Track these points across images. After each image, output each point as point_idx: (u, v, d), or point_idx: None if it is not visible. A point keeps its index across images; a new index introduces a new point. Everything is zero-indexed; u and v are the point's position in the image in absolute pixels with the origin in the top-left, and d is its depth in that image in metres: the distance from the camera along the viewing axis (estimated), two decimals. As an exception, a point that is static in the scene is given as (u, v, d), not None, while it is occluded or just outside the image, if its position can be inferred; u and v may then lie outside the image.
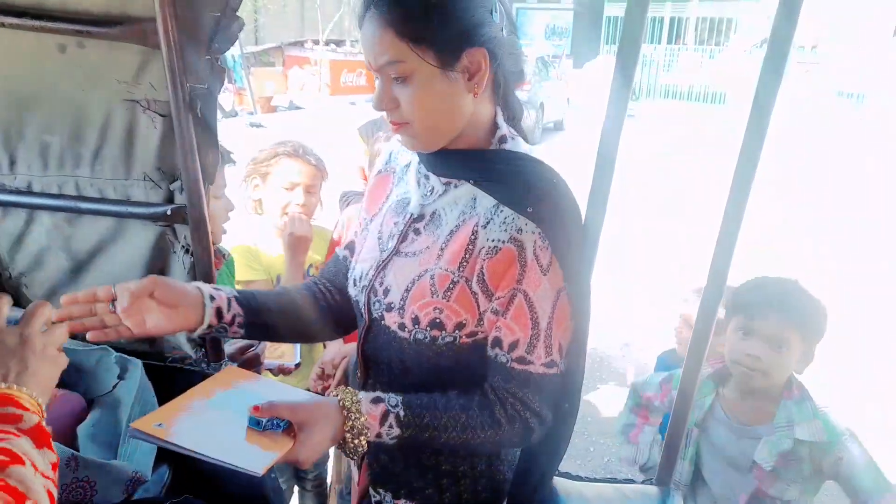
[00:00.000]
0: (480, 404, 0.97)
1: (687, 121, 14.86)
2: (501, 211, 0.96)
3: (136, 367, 1.19)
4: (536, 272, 0.94)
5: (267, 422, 0.90)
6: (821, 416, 1.51)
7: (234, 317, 1.05)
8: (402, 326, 1.00)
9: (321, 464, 2.15)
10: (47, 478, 0.63)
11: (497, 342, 0.97)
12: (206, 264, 1.20)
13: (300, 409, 0.92)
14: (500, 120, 1.02)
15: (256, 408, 0.90)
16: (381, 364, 1.08)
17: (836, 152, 11.03)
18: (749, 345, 1.52)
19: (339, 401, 0.94)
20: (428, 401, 0.97)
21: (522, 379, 0.97)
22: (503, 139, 1.01)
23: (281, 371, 1.76)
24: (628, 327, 4.33)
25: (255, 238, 1.98)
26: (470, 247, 0.97)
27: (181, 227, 1.21)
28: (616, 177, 1.05)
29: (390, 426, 0.94)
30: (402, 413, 0.95)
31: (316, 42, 15.44)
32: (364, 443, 0.94)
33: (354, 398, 0.94)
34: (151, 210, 1.19)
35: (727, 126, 13.12)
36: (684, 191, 8.21)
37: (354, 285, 1.10)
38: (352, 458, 0.96)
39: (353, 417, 0.93)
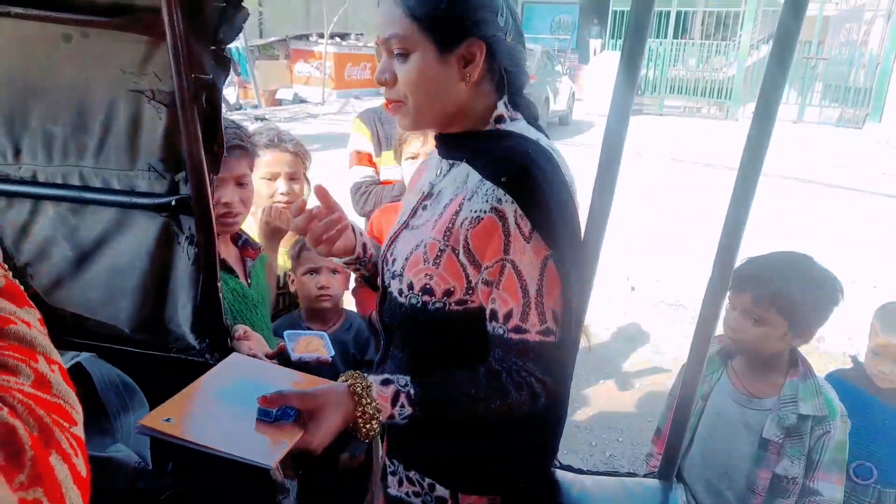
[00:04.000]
0: (487, 376, 1.00)
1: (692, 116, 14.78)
2: (484, 184, 1.00)
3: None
4: (521, 241, 0.97)
5: (277, 412, 0.90)
6: (823, 392, 1.57)
7: (370, 255, 1.17)
8: (400, 292, 1.07)
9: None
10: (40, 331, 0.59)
11: (493, 315, 1.01)
12: (211, 255, 1.20)
13: (309, 397, 0.93)
14: (502, 107, 1.06)
15: (264, 398, 0.89)
16: (394, 329, 1.14)
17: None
18: (730, 317, 1.60)
19: (350, 386, 0.95)
20: (437, 377, 1.01)
21: (521, 348, 0.99)
22: (500, 119, 1.06)
23: (319, 363, 1.76)
24: (630, 320, 4.32)
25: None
26: (454, 217, 1.02)
27: (185, 218, 1.21)
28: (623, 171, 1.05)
29: (402, 406, 0.97)
30: (412, 391, 0.98)
31: (321, 35, 15.36)
32: (376, 426, 0.96)
33: (364, 383, 0.96)
34: (156, 201, 1.19)
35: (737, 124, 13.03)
36: (689, 186, 8.17)
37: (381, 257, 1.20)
38: (364, 441, 0.98)
39: (364, 402, 0.94)
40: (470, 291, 1.02)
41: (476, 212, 0.99)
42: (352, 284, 2.13)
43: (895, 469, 1.83)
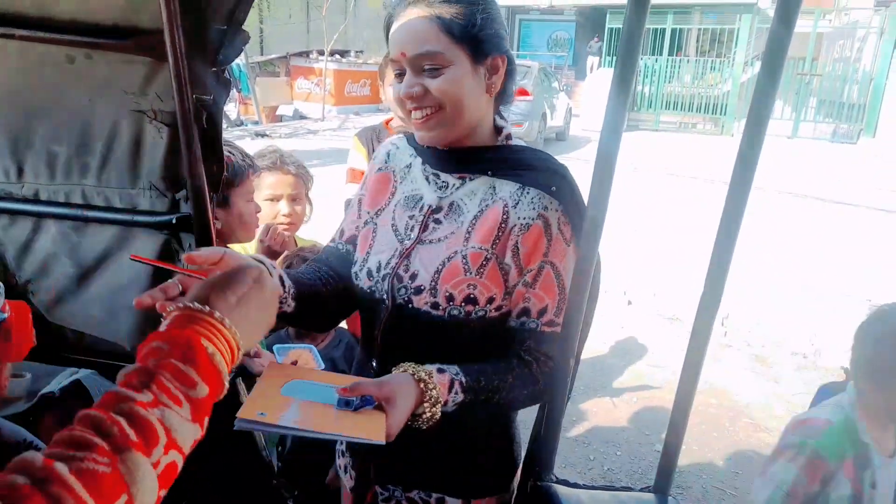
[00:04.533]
0: (520, 365, 1.08)
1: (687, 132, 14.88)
2: (528, 192, 1.09)
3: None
4: (562, 244, 1.08)
5: (359, 401, 0.95)
6: None
7: (289, 288, 1.10)
8: (434, 305, 1.08)
9: None
10: (179, 451, 0.59)
11: (525, 312, 1.09)
12: (210, 272, 1.21)
13: (385, 385, 0.97)
14: (501, 121, 1.16)
15: (345, 389, 0.95)
16: (399, 348, 1.13)
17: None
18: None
19: (412, 374, 1.00)
20: (478, 367, 1.06)
21: (551, 339, 1.09)
22: (508, 136, 1.16)
23: None
24: (628, 334, 4.33)
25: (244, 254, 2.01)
26: (502, 225, 1.08)
27: (186, 236, 1.23)
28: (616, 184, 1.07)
29: (455, 392, 1.02)
30: (463, 379, 1.03)
31: (321, 53, 15.49)
32: (439, 412, 0.99)
33: (426, 370, 1.01)
34: (157, 219, 1.21)
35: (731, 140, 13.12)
36: (685, 200, 8.22)
37: (370, 276, 1.16)
38: (421, 428, 1.00)
39: (430, 388, 0.99)
40: (507, 296, 1.09)
41: (524, 219, 1.07)
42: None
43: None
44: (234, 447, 1.37)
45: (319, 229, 2.05)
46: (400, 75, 1.08)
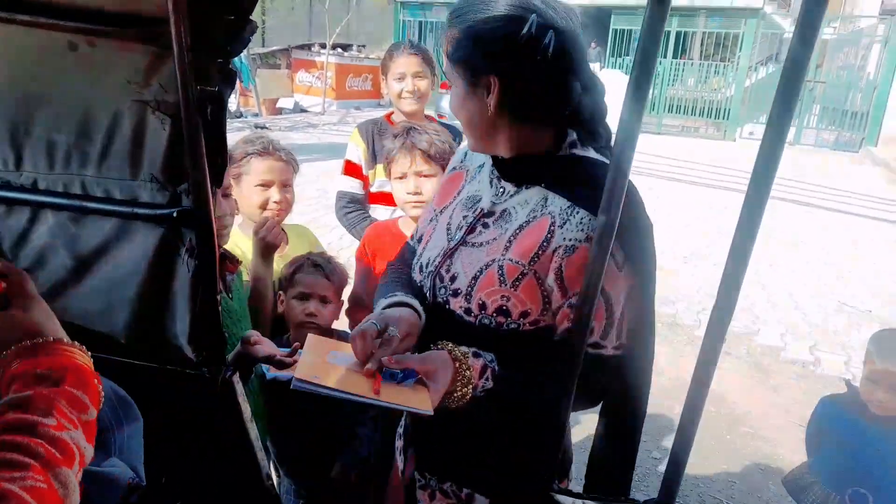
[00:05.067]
0: (556, 376, 1.04)
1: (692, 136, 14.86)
2: (577, 212, 1.05)
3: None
4: (614, 270, 1.03)
5: (402, 374, 0.99)
6: None
7: (422, 313, 1.15)
8: (468, 311, 1.09)
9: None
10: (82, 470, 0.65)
11: (502, 312, 1.08)
12: (211, 268, 1.19)
13: (426, 360, 1.01)
14: (573, 134, 1.13)
15: (390, 359, 0.99)
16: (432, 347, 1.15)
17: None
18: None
19: (449, 351, 1.02)
20: (515, 363, 1.07)
21: (594, 361, 1.05)
22: (573, 144, 1.12)
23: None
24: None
25: (238, 239, 1.98)
26: (545, 244, 1.06)
27: (187, 230, 1.20)
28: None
29: (486, 379, 1.03)
30: (497, 368, 1.05)
31: (323, 46, 15.44)
32: (469, 392, 1.01)
33: (462, 350, 1.03)
34: (158, 212, 1.18)
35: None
36: (687, 204, 8.20)
37: (420, 271, 1.20)
38: (450, 406, 1.02)
39: (463, 367, 1.01)
40: (545, 312, 1.06)
41: (571, 241, 1.03)
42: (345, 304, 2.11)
43: (890, 495, 1.82)
44: (230, 449, 1.35)
45: (317, 224, 2.03)
46: None
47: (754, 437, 3.30)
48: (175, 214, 1.17)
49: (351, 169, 2.49)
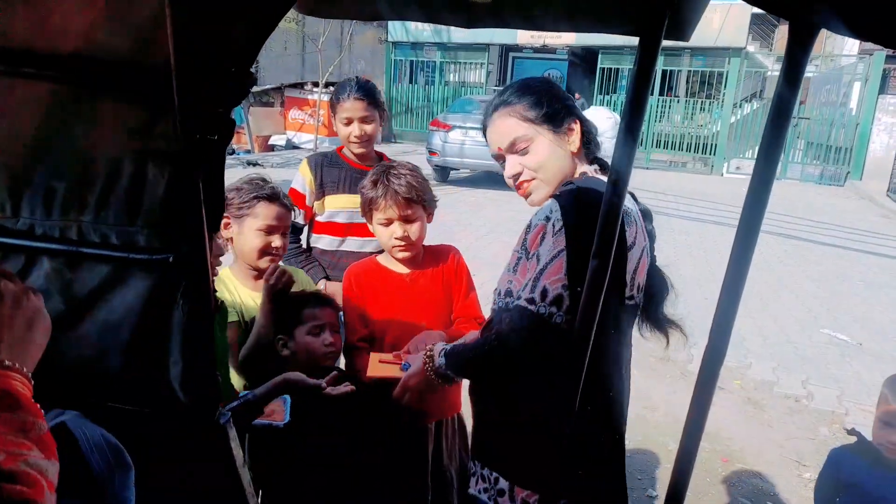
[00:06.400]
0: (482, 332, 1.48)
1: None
2: (548, 202, 1.37)
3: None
4: (549, 235, 1.30)
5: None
6: None
7: None
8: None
9: None
10: (53, 492, 0.61)
11: (508, 293, 1.39)
12: (206, 313, 1.19)
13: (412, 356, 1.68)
14: (586, 166, 1.49)
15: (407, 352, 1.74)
16: None
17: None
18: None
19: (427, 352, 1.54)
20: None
21: (506, 308, 1.36)
22: (584, 174, 1.47)
23: (271, 430, 1.70)
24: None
25: (230, 282, 1.98)
26: (527, 228, 1.38)
27: (182, 276, 1.20)
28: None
29: (441, 356, 1.47)
30: (448, 348, 1.48)
31: (315, 84, 15.64)
32: (431, 370, 1.50)
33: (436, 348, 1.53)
34: (154, 257, 1.19)
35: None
36: (675, 239, 8.27)
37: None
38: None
39: (429, 354, 1.54)
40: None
41: (536, 221, 1.35)
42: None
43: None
44: (222, 495, 1.33)
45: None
46: (501, 161, 1.49)
47: (749, 475, 3.28)
48: (171, 260, 1.18)
49: (294, 197, 2.52)
